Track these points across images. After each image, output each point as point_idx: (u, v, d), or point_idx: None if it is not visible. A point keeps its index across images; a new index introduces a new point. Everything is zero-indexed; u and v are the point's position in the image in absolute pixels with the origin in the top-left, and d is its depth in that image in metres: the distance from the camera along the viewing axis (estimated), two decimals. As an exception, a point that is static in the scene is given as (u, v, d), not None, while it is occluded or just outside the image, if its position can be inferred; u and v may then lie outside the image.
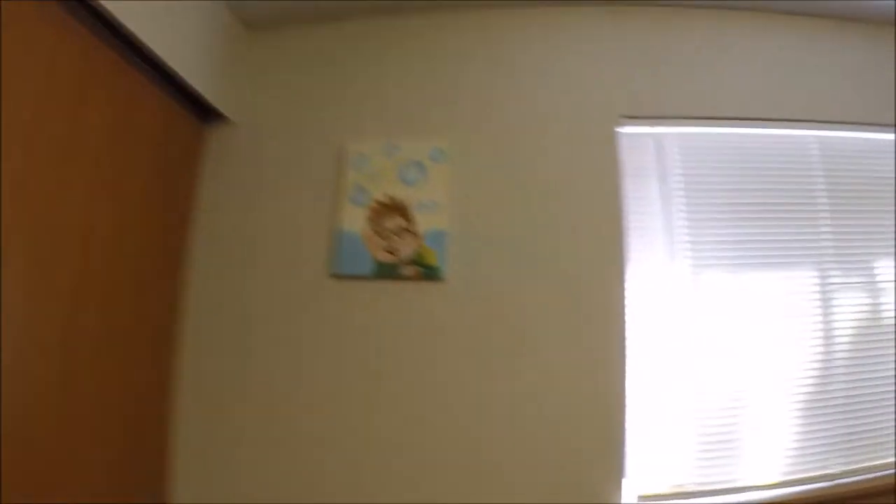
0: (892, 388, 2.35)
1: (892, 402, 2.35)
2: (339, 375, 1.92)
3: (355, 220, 1.97)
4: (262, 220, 2.10)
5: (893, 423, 2.34)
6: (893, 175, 2.48)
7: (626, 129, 2.21)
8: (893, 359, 2.37)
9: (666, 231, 2.16)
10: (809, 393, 2.25)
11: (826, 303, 2.30)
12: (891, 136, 2.53)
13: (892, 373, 2.37)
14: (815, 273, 2.30)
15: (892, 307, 2.38)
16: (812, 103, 2.43)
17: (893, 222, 2.43)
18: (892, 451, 2.30)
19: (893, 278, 2.39)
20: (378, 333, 1.94)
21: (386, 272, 1.94)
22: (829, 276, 2.32)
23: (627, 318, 2.05)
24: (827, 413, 2.25)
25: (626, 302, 2.05)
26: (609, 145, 2.15)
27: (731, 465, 2.12)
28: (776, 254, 2.26)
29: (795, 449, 2.20)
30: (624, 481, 1.99)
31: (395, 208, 1.97)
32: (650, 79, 2.26)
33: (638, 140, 2.22)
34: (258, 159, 2.16)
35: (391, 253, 1.94)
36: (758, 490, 2.14)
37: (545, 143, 2.12)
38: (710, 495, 2.09)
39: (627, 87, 2.23)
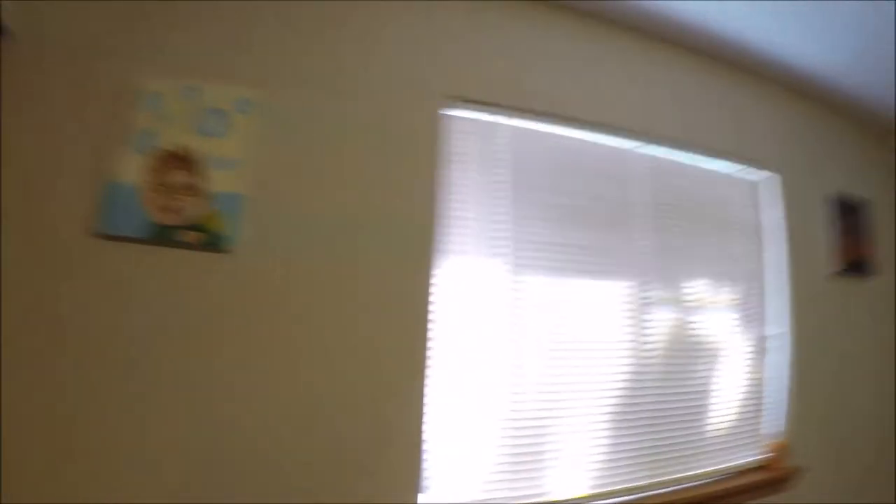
0: (696, 404, 2.39)
1: (696, 417, 2.38)
2: (96, 360, 1.54)
3: (133, 171, 1.60)
4: (19, 159, 1.66)
5: (697, 438, 2.38)
6: (715, 202, 2.53)
7: (455, 112, 2.04)
8: (699, 375, 2.42)
9: (485, 225, 2.02)
10: (619, 405, 2.21)
11: (639, 316, 2.28)
12: (719, 166, 2.60)
13: (697, 389, 2.40)
14: (632, 286, 2.28)
15: (700, 326, 2.43)
16: (650, 120, 2.43)
17: (710, 247, 2.48)
18: (695, 465, 2.34)
19: (702, 299, 2.43)
20: (145, 311, 1.59)
21: (162, 236, 1.59)
22: (645, 291, 2.30)
23: (433, 315, 1.86)
24: (635, 426, 2.23)
25: (433, 298, 1.87)
26: (434, 126, 1.97)
27: (539, 478, 2.02)
28: (595, 262, 2.21)
29: (604, 462, 2.15)
30: (421, 495, 1.81)
31: (185, 161, 1.63)
32: (487, 64, 2.11)
33: (466, 126, 2.06)
34: (33, 84, 1.71)
35: (171, 213, 1.60)
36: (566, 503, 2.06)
37: (366, 114, 1.88)
38: (517, 510, 1.97)
39: (462, 68, 2.06)
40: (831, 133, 3.26)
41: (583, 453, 2.10)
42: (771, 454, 2.59)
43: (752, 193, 2.74)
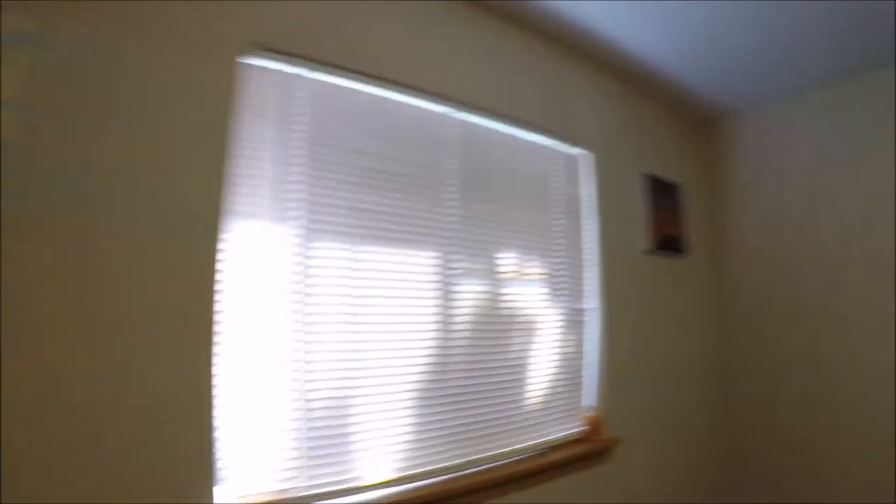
0: (510, 379, 2.36)
1: (510, 392, 2.35)
2: None
3: None
4: None
5: (512, 413, 2.34)
6: (529, 174, 2.54)
7: (256, 62, 1.84)
8: (512, 349, 2.38)
9: (279, 186, 1.84)
10: (427, 382, 2.11)
11: (447, 288, 2.20)
12: (536, 139, 2.60)
13: (510, 363, 2.37)
14: (439, 256, 2.20)
15: (512, 299, 2.40)
16: (466, 86, 2.36)
17: (523, 219, 2.47)
18: (512, 441, 2.30)
19: (514, 272, 2.41)
20: None
21: None
22: (453, 262, 2.23)
23: (220, 286, 1.65)
24: (445, 403, 2.14)
25: (221, 266, 1.66)
26: (229, 75, 1.76)
27: (345, 462, 1.85)
28: (400, 230, 2.09)
29: (413, 442, 2.03)
30: (217, 489, 1.58)
31: None
32: (296, 11, 1.93)
33: (267, 77, 1.86)
34: None
35: None
36: (373, 489, 1.91)
37: (156, 56, 1.59)
38: (320, 499, 1.79)
39: (267, 14, 1.85)
40: (650, 117, 3.44)
41: (390, 434, 1.96)
42: (588, 427, 2.63)
43: (569, 168, 2.79)
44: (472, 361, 2.23)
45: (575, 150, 2.83)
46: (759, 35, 2.77)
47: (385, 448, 1.94)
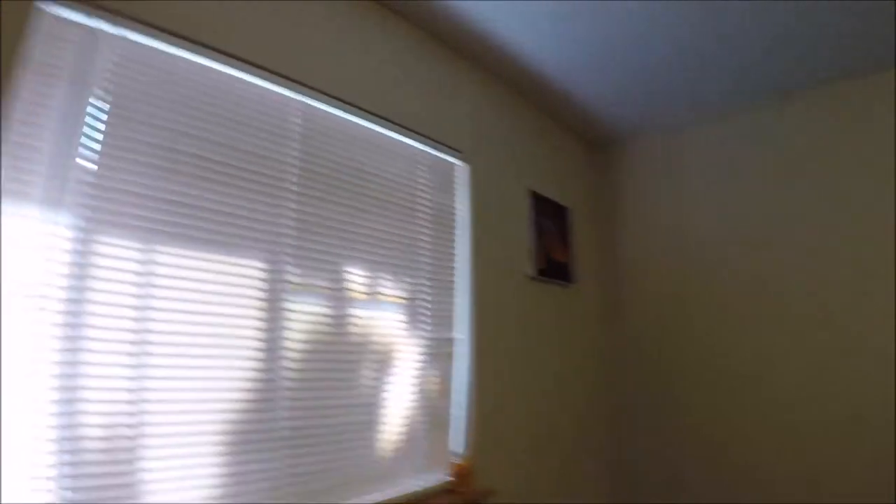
0: (359, 419, 1.95)
1: (358, 435, 1.93)
2: None
3: None
4: None
5: (360, 460, 1.92)
6: (394, 179, 2.18)
7: (51, 7, 1.39)
8: (362, 384, 1.98)
9: (59, 161, 1.37)
10: (247, 418, 1.66)
11: (277, 306, 1.78)
12: (401, 138, 2.27)
13: (359, 400, 1.96)
14: (267, 267, 1.78)
15: (359, 324, 2.01)
16: (319, 69, 1.99)
17: (376, 228, 2.11)
18: (352, 496, 1.87)
19: (368, 292, 2.03)
20: None
21: None
22: (285, 274, 1.81)
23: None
24: (268, 449, 1.70)
25: None
26: (18, 18, 1.32)
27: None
28: (218, 230, 1.66)
29: (224, 496, 1.57)
30: None
31: None
32: None
33: (66, 30, 1.42)
34: None
35: None
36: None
37: None
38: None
39: None
40: (541, 133, 3.21)
41: (191, 484, 1.49)
42: (455, 476, 2.24)
43: (443, 177, 2.46)
44: (309, 398, 1.81)
45: (450, 158, 2.51)
46: (665, 57, 2.66)
47: (184, 494, 1.46)
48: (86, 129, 1.40)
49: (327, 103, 2.01)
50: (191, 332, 1.53)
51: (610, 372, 3.45)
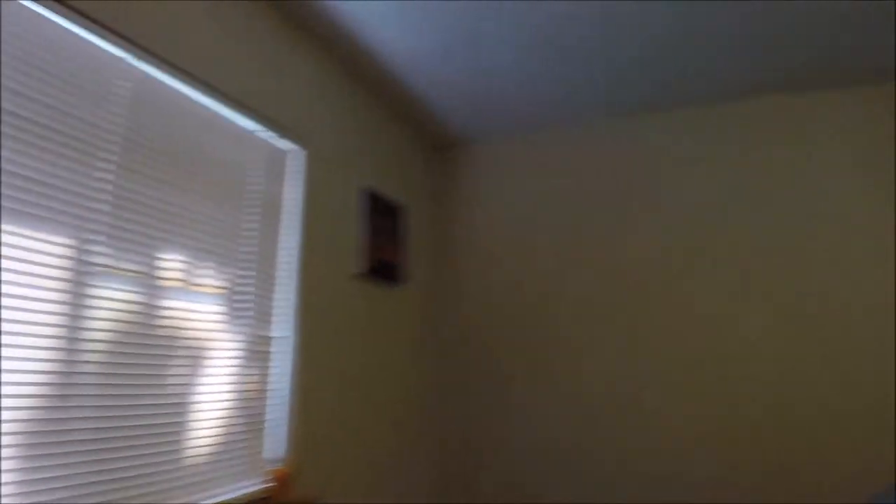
0: (166, 420, 1.73)
1: (166, 437, 1.71)
2: None
3: None
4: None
5: (168, 465, 1.69)
6: (218, 156, 1.99)
7: None
8: (171, 381, 1.76)
9: None
10: (41, 416, 1.39)
11: (79, 290, 1.52)
12: (234, 117, 2.08)
13: (168, 399, 1.75)
14: (71, 243, 1.51)
15: (172, 315, 1.80)
16: (150, 30, 1.74)
17: (198, 211, 1.91)
18: (167, 499, 1.64)
19: (178, 279, 1.83)
20: None
21: None
22: (92, 254, 1.56)
23: None
24: (62, 454, 1.43)
25: None
26: None
27: None
28: (11, 195, 1.37)
29: (13, 499, 1.28)
30: None
31: None
32: None
33: None
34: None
35: None
36: None
37: None
38: None
39: None
40: (381, 129, 3.17)
41: None
42: (274, 483, 2.09)
43: (274, 164, 2.30)
44: (114, 395, 1.56)
45: (284, 144, 2.36)
46: (511, 62, 2.76)
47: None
48: None
49: (161, 69, 1.78)
50: None
51: (438, 373, 3.49)
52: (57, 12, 1.49)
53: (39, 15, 1.46)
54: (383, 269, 2.99)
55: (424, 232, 3.61)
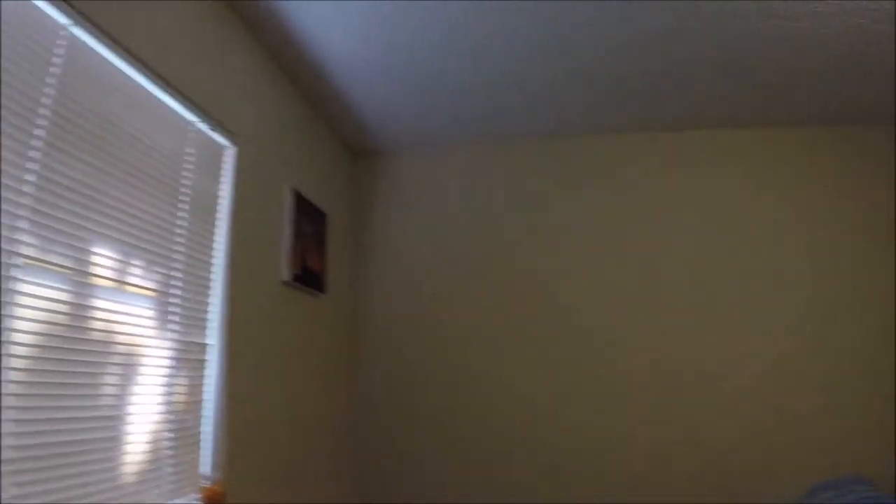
0: (93, 437, 1.53)
1: (90, 458, 1.51)
2: None
3: None
4: None
5: (91, 489, 1.49)
6: (153, 143, 1.82)
7: None
8: (98, 393, 1.57)
9: None
10: None
11: (2, 282, 1.31)
12: (172, 103, 1.92)
13: (95, 413, 1.55)
14: None
15: (102, 317, 1.62)
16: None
17: (130, 201, 1.75)
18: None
19: (108, 276, 1.66)
20: None
21: None
22: (14, 245, 1.35)
23: None
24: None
25: None
26: None
27: None
28: None
29: None
30: None
31: None
32: None
33: None
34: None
35: None
36: None
37: None
38: None
39: None
40: (310, 132, 3.06)
41: None
42: (206, 500, 1.92)
43: (208, 158, 2.15)
44: (40, 408, 1.35)
45: (220, 138, 2.22)
46: (440, 73, 2.80)
47: None
48: None
49: (99, 40, 1.59)
50: None
51: (359, 383, 3.42)
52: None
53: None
54: (308, 277, 2.88)
55: (344, 239, 3.53)
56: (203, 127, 2.11)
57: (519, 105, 3.12)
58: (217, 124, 2.17)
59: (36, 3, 1.41)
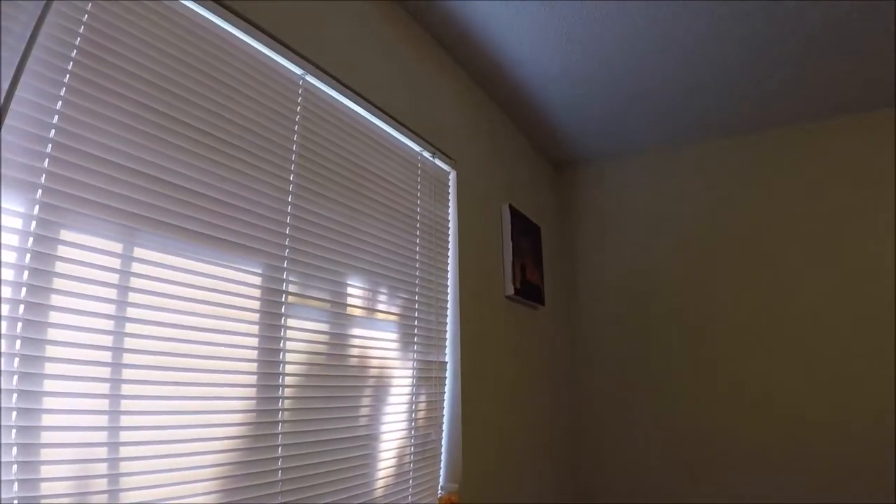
0: (352, 455, 1.67)
1: (350, 476, 1.66)
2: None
3: None
4: None
5: (344, 495, 1.63)
6: (387, 175, 1.94)
7: None
8: (356, 415, 1.71)
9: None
10: (237, 458, 1.35)
11: (274, 320, 1.49)
12: (398, 135, 2.04)
13: (352, 434, 1.69)
14: (263, 272, 1.48)
15: (357, 345, 1.75)
16: (318, 43, 1.71)
17: (373, 234, 1.87)
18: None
19: (360, 306, 1.78)
20: None
21: None
22: (283, 282, 1.52)
23: None
24: (260, 494, 1.39)
25: None
26: None
27: None
28: (210, 221, 1.33)
29: None
30: None
31: None
32: None
33: None
34: None
35: None
36: None
37: None
38: None
39: None
40: (517, 150, 3.10)
41: None
42: (444, 515, 2.01)
43: (435, 184, 2.25)
44: (306, 431, 1.52)
45: (442, 164, 2.32)
46: (646, 82, 2.69)
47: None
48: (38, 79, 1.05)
49: (328, 84, 1.75)
50: (181, 351, 1.21)
51: (578, 391, 3.35)
52: (242, 28, 1.46)
53: (228, 31, 1.43)
54: (527, 290, 2.88)
55: (556, 251, 3.49)
56: (427, 155, 2.21)
57: (719, 104, 2.85)
58: (438, 151, 2.27)
59: (271, 55, 1.56)
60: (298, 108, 1.62)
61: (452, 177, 2.39)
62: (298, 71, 1.63)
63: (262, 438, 1.37)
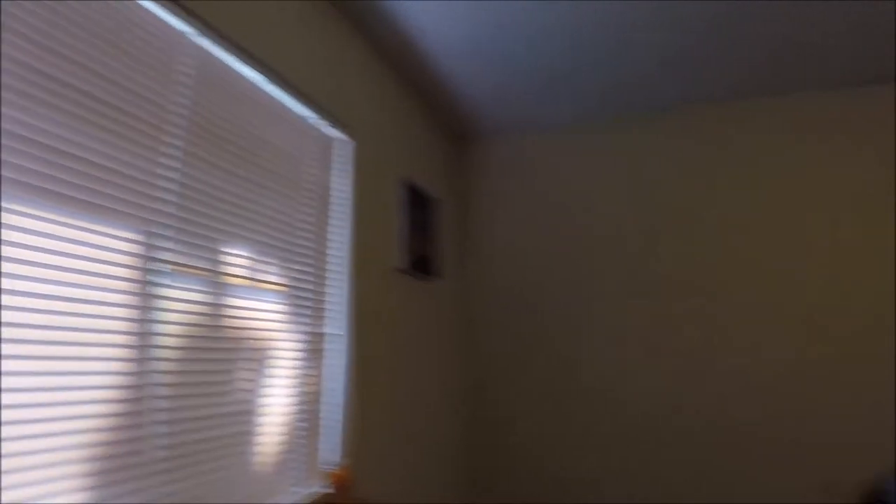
0: (231, 432, 1.63)
1: (230, 451, 1.61)
2: None
3: None
4: None
5: (227, 479, 1.60)
6: (277, 142, 1.88)
7: None
8: (235, 389, 1.66)
9: None
10: (113, 437, 1.26)
11: (148, 289, 1.41)
12: (291, 103, 1.97)
13: (232, 409, 1.65)
14: (140, 238, 1.39)
15: (239, 315, 1.70)
16: (215, 6, 1.60)
17: (261, 201, 1.81)
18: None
19: (243, 275, 1.73)
20: None
21: None
22: (160, 250, 1.44)
23: None
24: (141, 471, 1.32)
25: None
26: None
27: None
28: (83, 184, 1.23)
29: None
30: None
31: None
32: None
33: None
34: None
35: None
36: None
37: None
38: None
39: None
40: (416, 119, 3.06)
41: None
42: (334, 488, 2.00)
43: (325, 152, 2.20)
44: (186, 407, 1.45)
45: (335, 133, 2.26)
46: (552, 58, 2.71)
47: None
48: None
49: (225, 48, 1.65)
50: (46, 322, 1.11)
51: (474, 362, 3.44)
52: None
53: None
54: (420, 263, 2.91)
55: (454, 225, 3.54)
56: (324, 125, 2.15)
57: (626, 83, 2.96)
58: (334, 119, 2.21)
59: (163, 16, 1.46)
60: (193, 71, 1.53)
61: (351, 148, 2.34)
62: (189, 30, 1.53)
63: (138, 415, 1.29)
